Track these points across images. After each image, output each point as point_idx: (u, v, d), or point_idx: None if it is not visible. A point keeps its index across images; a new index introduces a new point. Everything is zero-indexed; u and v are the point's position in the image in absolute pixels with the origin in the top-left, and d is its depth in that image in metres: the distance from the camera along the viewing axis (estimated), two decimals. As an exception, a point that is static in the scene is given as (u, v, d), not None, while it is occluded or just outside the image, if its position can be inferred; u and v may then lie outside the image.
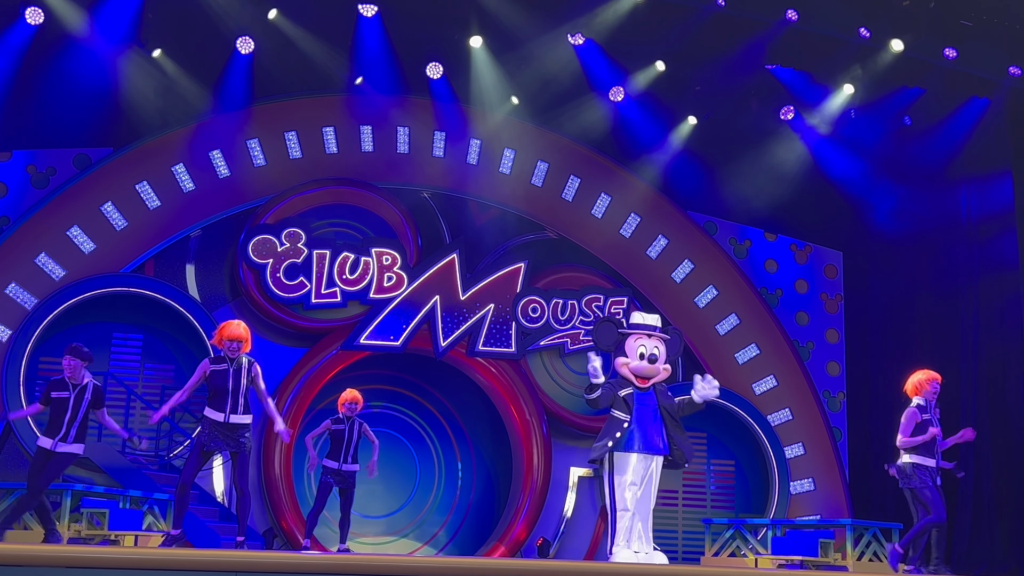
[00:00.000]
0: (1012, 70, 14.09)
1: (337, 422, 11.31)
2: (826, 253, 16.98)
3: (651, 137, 15.58)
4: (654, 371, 7.70)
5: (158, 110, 13.88)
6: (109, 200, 13.85)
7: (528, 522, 14.82)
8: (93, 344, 13.77)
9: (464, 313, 14.90)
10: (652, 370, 7.67)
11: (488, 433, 15.55)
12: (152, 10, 13.18)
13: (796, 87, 14.89)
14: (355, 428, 11.30)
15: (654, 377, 7.76)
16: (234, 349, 9.22)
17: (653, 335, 7.75)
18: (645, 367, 7.61)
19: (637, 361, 7.63)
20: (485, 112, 15.14)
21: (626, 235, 15.84)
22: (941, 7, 13.43)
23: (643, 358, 7.63)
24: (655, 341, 7.71)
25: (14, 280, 13.29)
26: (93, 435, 13.30)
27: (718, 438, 16.01)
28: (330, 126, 14.87)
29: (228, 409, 9.16)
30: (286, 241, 14.36)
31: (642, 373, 7.65)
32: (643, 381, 7.69)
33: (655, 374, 7.73)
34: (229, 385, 9.17)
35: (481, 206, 15.56)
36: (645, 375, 7.67)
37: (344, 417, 11.30)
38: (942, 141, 15.09)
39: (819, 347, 16.62)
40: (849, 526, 12.72)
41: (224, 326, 9.36)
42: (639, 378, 7.68)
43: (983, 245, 14.99)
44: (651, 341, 7.70)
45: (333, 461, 11.28)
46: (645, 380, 7.70)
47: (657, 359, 7.67)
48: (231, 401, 9.16)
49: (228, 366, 9.22)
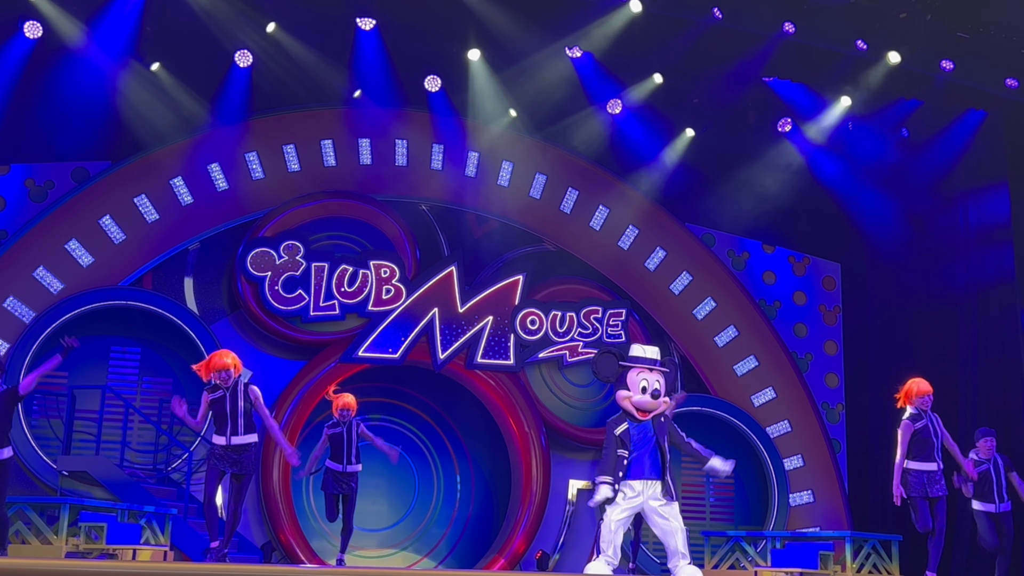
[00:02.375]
0: (1009, 82, 14.12)
1: (333, 426, 11.28)
2: (824, 265, 16.99)
3: (649, 149, 15.61)
4: (655, 405, 7.79)
5: (156, 123, 13.88)
6: (107, 213, 13.86)
7: (527, 535, 14.80)
8: (91, 357, 13.87)
9: (463, 325, 14.90)
10: (654, 404, 7.76)
11: (487, 445, 15.53)
12: (151, 23, 13.20)
13: (793, 99, 14.93)
14: (352, 429, 11.29)
15: (655, 411, 7.83)
16: (225, 378, 9.54)
17: (655, 368, 7.81)
18: (648, 402, 7.73)
19: (640, 395, 7.73)
20: (483, 125, 15.16)
21: (624, 247, 15.85)
22: (938, 20, 13.47)
23: (645, 392, 7.72)
24: (656, 375, 7.77)
25: (12, 294, 13.28)
26: (90, 449, 13.33)
27: (717, 450, 15.82)
28: (329, 139, 14.89)
29: (229, 431, 9.56)
30: (284, 254, 14.36)
31: (644, 407, 7.75)
32: (643, 414, 7.76)
33: (656, 408, 7.80)
34: (227, 409, 9.55)
35: (479, 218, 15.57)
36: (647, 409, 7.76)
37: (339, 421, 11.28)
38: (939, 153, 15.13)
39: (818, 359, 16.62)
40: (848, 538, 12.70)
41: (210, 360, 9.67)
42: (640, 411, 7.76)
43: (981, 257, 15.01)
44: (652, 375, 7.77)
45: (336, 464, 11.25)
46: (646, 413, 7.77)
47: (659, 393, 7.77)
48: (231, 424, 9.57)
49: (224, 392, 9.57)
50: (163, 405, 14.02)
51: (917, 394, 10.09)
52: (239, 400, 9.57)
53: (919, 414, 10.07)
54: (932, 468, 10.02)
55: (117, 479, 12.81)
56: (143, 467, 13.64)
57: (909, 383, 10.22)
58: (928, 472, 10.02)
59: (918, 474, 10.01)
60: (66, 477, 13.02)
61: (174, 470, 13.73)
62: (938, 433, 10.10)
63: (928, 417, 10.09)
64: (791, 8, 13.37)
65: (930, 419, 10.10)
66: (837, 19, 13.58)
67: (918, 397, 10.08)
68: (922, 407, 10.08)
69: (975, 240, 15.06)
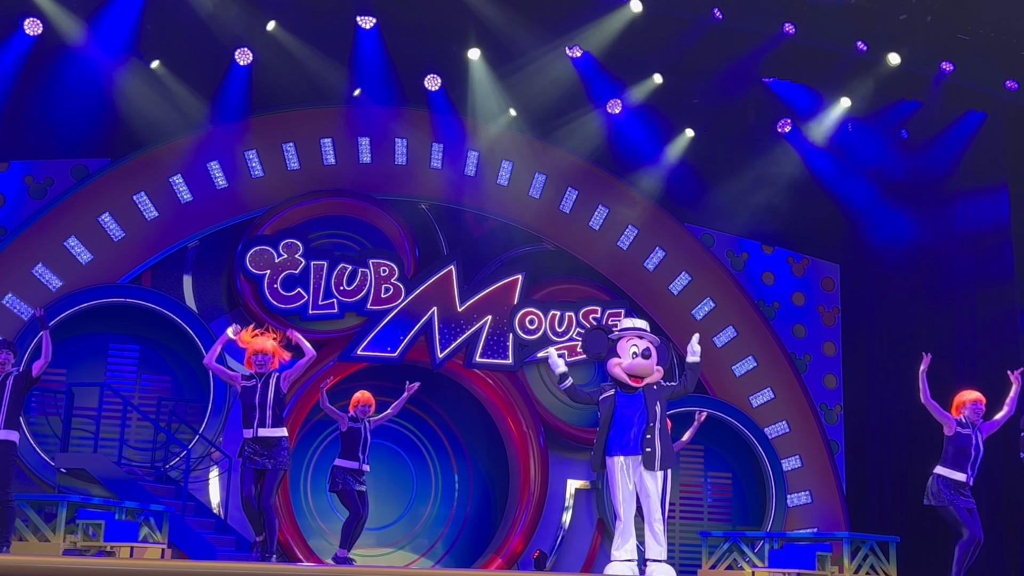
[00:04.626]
0: (1008, 84, 14.13)
1: (353, 420, 11.15)
2: (823, 266, 16.99)
3: (649, 149, 15.61)
4: (648, 368, 7.46)
5: (156, 121, 13.87)
6: (107, 211, 13.85)
7: (525, 534, 14.80)
8: (90, 355, 13.88)
9: (461, 324, 14.90)
10: (646, 367, 7.44)
11: (485, 445, 15.54)
12: (150, 21, 13.18)
13: (793, 100, 14.92)
14: (368, 428, 11.19)
15: (648, 376, 7.57)
16: (261, 363, 9.38)
17: (644, 336, 7.63)
18: (639, 363, 7.40)
19: (630, 359, 7.49)
20: (483, 124, 15.16)
21: (623, 247, 15.86)
22: (938, 21, 13.46)
23: (635, 356, 7.48)
24: (646, 342, 7.58)
25: (11, 291, 13.28)
26: (89, 446, 13.33)
27: (715, 450, 16.00)
28: (328, 137, 14.89)
29: (256, 423, 9.30)
30: (283, 252, 14.36)
31: (636, 371, 7.45)
32: (636, 381, 7.52)
33: (649, 372, 7.48)
34: (256, 399, 9.33)
35: (479, 218, 15.58)
36: (639, 373, 7.46)
37: (358, 417, 11.16)
38: (939, 154, 15.13)
39: (816, 360, 16.62)
40: (846, 539, 12.70)
41: (253, 337, 9.49)
42: (633, 377, 7.52)
43: (979, 258, 15.02)
44: (642, 341, 7.57)
45: (353, 461, 11.03)
46: (639, 380, 7.53)
47: (651, 355, 7.50)
48: (259, 414, 9.31)
49: (256, 381, 9.39)
50: (161, 403, 14.03)
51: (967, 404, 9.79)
52: (269, 391, 9.33)
53: (964, 421, 9.78)
54: (962, 478, 9.66)
55: (115, 477, 12.79)
56: (141, 465, 13.63)
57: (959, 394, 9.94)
58: (958, 483, 9.67)
59: (948, 483, 9.66)
60: (64, 474, 13.01)
61: (172, 468, 13.71)
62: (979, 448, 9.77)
63: (970, 425, 9.78)
64: (791, 9, 13.37)
65: (975, 428, 9.79)
66: (837, 20, 13.57)
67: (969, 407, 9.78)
68: (970, 417, 9.77)
69: (974, 241, 15.06)
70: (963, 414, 9.84)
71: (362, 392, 11.20)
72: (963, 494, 9.69)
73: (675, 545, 15.27)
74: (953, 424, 9.75)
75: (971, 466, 9.69)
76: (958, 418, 9.83)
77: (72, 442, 13.38)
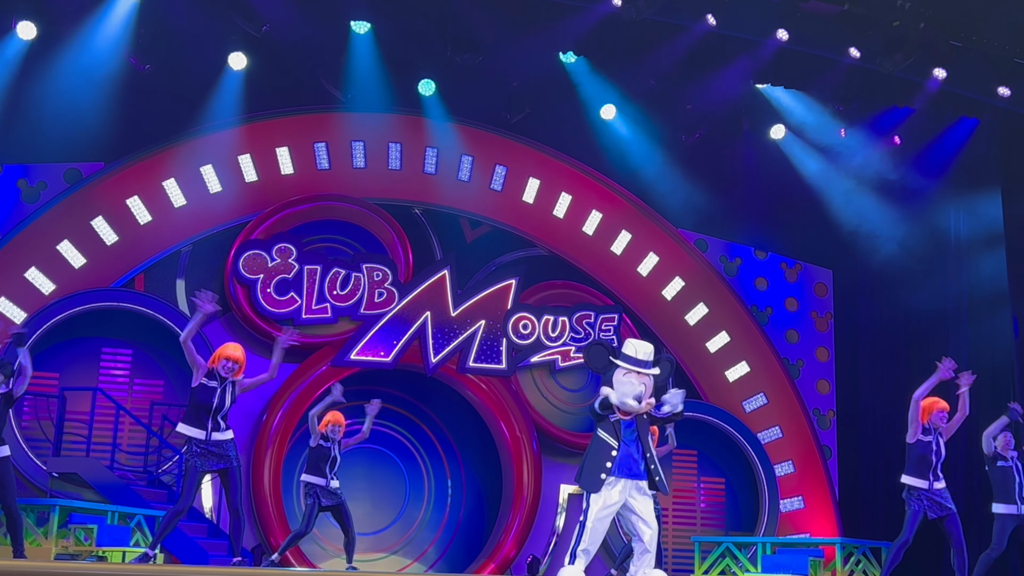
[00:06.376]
0: (1001, 91, 14.17)
1: (324, 439, 11.24)
2: (816, 271, 17.01)
3: (642, 155, 15.62)
4: (639, 410, 7.71)
5: (150, 125, 13.87)
6: (100, 215, 13.84)
7: (518, 539, 14.79)
8: (82, 359, 13.85)
9: (455, 329, 14.90)
10: (638, 409, 7.68)
11: (478, 450, 15.52)
12: (144, 25, 13.18)
13: (786, 106, 14.95)
14: (338, 448, 11.28)
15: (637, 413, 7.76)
16: (228, 369, 9.28)
17: (643, 372, 7.72)
18: (631, 406, 7.62)
19: (628, 400, 7.67)
20: (477, 129, 15.16)
21: (617, 252, 15.87)
22: (931, 28, 13.49)
23: (628, 396, 7.64)
24: (644, 379, 7.69)
25: (3, 294, 13.25)
26: (81, 450, 13.30)
27: (708, 456, 16.01)
28: (322, 142, 14.89)
29: (211, 428, 9.22)
30: (277, 256, 14.36)
31: (627, 410, 7.66)
32: (624, 415, 7.71)
33: (639, 412, 7.73)
34: (214, 403, 9.23)
35: (472, 222, 15.59)
36: (629, 411, 7.68)
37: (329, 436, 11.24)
38: (932, 160, 15.17)
39: (809, 365, 16.65)
40: (839, 544, 12.75)
41: (224, 347, 9.46)
42: (622, 412, 7.71)
43: (972, 264, 15.05)
44: (640, 378, 7.68)
45: (320, 478, 11.14)
46: (627, 414, 7.72)
47: (642, 399, 7.67)
48: (212, 421, 9.23)
49: (217, 385, 9.27)
50: (154, 407, 14.00)
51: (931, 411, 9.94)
52: (227, 398, 9.28)
53: (929, 428, 9.92)
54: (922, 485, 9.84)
55: (108, 481, 12.77)
56: (134, 469, 13.60)
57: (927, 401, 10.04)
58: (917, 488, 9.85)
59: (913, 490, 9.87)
60: (56, 479, 12.98)
61: (164, 472, 13.69)
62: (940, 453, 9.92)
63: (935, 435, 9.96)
64: (784, 15, 13.39)
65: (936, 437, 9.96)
66: (830, 26, 13.60)
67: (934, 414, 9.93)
68: (934, 423, 9.91)
69: (967, 248, 15.10)
70: (930, 420, 9.99)
71: (334, 413, 11.24)
72: (918, 498, 9.90)
73: (668, 551, 15.29)
74: (918, 431, 9.95)
75: (932, 472, 9.88)
76: (924, 424, 9.99)
77: (64, 446, 13.35)
